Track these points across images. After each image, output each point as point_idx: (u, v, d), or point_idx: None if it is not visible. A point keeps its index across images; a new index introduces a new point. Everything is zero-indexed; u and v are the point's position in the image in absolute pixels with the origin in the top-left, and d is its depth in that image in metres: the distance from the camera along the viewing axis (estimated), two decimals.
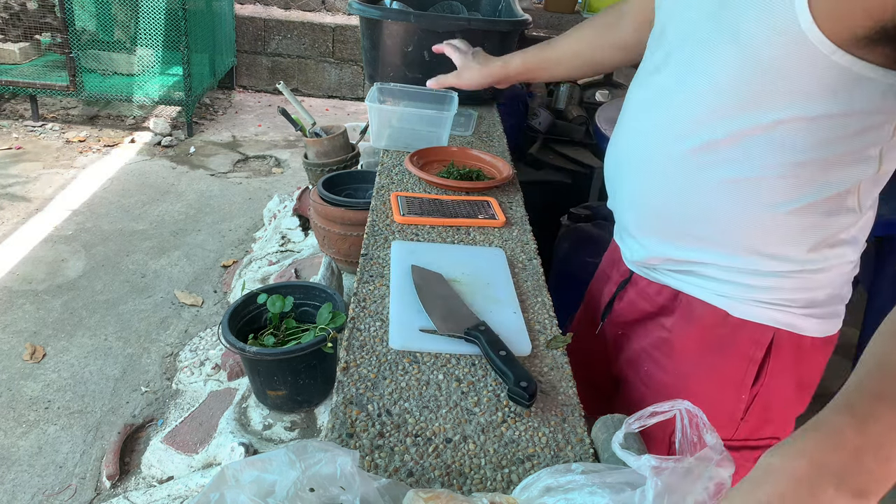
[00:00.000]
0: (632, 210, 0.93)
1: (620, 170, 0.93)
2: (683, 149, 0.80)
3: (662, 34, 0.83)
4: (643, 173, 0.87)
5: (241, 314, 1.84)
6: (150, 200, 3.45)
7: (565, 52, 1.16)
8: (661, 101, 0.82)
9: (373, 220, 1.15)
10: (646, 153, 0.86)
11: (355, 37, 5.27)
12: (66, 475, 1.86)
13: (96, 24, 4.29)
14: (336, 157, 2.65)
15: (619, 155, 0.94)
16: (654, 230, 0.89)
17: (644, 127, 0.86)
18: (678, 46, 0.79)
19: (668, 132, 0.82)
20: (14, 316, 2.47)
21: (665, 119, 0.82)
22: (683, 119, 0.79)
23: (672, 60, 0.81)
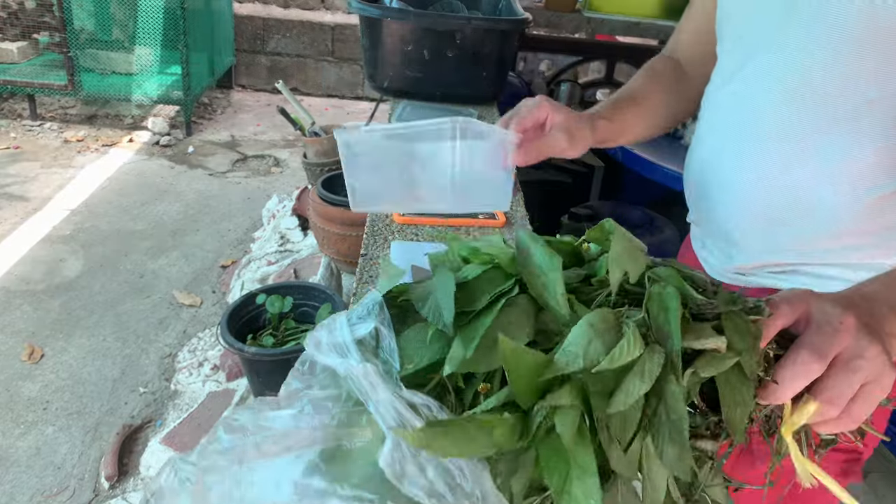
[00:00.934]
0: (743, 217, 0.86)
1: (723, 174, 0.88)
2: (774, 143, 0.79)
3: (739, 41, 0.83)
4: (762, 176, 0.82)
5: (240, 314, 1.83)
6: (149, 200, 3.44)
7: (645, 119, 1.01)
8: (754, 100, 0.81)
9: (372, 220, 1.14)
10: (763, 155, 0.81)
11: (355, 36, 5.26)
12: (64, 476, 1.85)
13: (94, 23, 4.28)
14: (335, 157, 2.64)
15: (719, 159, 0.88)
16: (768, 236, 0.85)
17: (746, 129, 0.83)
18: (759, 51, 0.79)
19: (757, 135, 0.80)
20: (12, 316, 2.46)
21: (749, 121, 0.81)
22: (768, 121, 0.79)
23: (750, 66, 0.80)
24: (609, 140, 0.96)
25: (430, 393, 0.45)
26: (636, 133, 0.99)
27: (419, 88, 1.78)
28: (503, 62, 1.78)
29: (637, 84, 1.02)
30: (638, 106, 0.98)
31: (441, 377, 0.46)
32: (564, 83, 2.85)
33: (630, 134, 0.97)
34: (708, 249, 0.96)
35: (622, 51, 3.11)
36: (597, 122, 0.90)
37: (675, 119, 1.04)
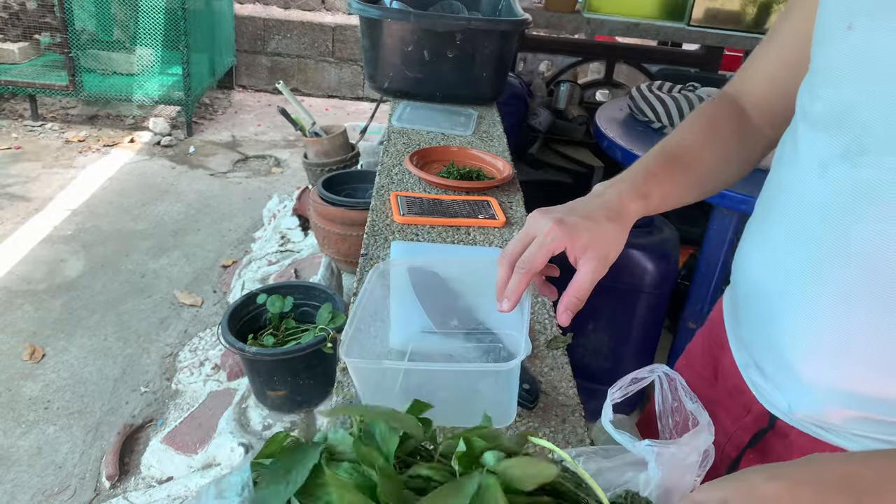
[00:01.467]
0: (810, 348, 0.65)
1: (785, 291, 0.67)
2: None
3: (845, 115, 0.60)
4: (842, 299, 0.62)
5: (241, 314, 1.84)
6: (150, 200, 3.45)
7: (696, 187, 0.79)
8: (868, 199, 0.58)
9: (373, 220, 1.15)
10: (828, 277, 0.62)
11: (355, 36, 5.26)
12: (65, 475, 1.85)
13: (96, 23, 4.29)
14: (336, 157, 2.65)
15: (782, 270, 0.68)
16: (851, 380, 0.64)
17: (823, 237, 0.62)
18: (886, 131, 0.57)
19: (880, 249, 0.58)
20: (13, 316, 2.47)
21: (868, 226, 0.58)
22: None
23: (880, 152, 0.57)
24: (664, 205, 0.76)
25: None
26: (684, 201, 0.78)
27: (419, 89, 1.78)
28: (503, 63, 1.79)
29: (689, 138, 0.79)
30: (686, 170, 0.76)
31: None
32: (564, 83, 2.85)
33: (676, 203, 0.77)
34: (763, 380, 0.73)
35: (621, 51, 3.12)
36: (627, 208, 0.70)
37: (733, 179, 0.82)
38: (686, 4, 2.63)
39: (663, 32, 2.73)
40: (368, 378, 0.68)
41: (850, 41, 0.59)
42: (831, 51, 0.62)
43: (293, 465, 0.44)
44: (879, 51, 0.56)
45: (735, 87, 0.85)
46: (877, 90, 0.57)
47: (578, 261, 0.66)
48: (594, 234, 0.66)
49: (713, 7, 2.62)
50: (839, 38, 0.60)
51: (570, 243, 0.66)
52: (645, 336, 1.91)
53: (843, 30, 0.59)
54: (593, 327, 1.93)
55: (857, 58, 0.59)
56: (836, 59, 0.61)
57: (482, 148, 1.53)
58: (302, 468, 0.44)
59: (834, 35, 0.61)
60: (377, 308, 0.77)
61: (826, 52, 0.63)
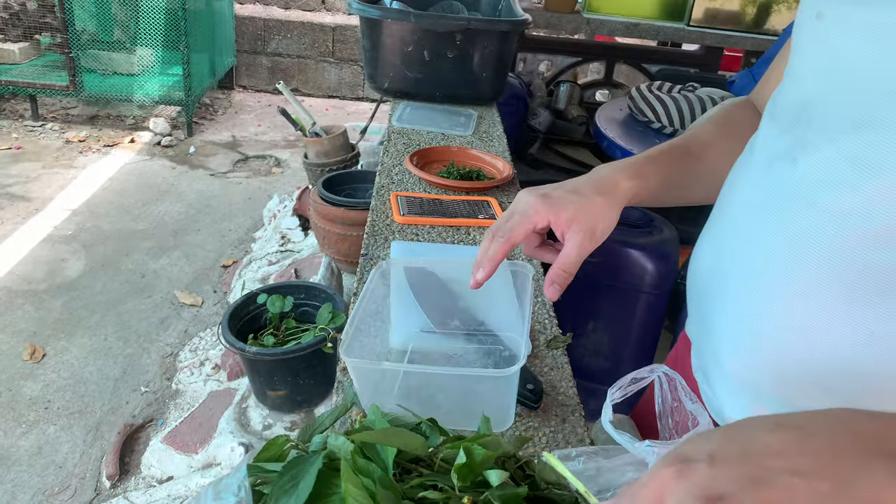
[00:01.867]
0: (741, 349, 0.60)
1: (722, 291, 0.63)
2: (834, 272, 0.52)
3: (802, 111, 0.57)
4: (774, 301, 0.57)
5: (241, 314, 1.84)
6: (150, 200, 3.45)
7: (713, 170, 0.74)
8: (804, 199, 0.54)
9: (373, 220, 1.15)
10: (768, 271, 0.57)
11: (355, 37, 5.27)
12: (65, 475, 1.85)
13: (96, 23, 4.29)
14: (336, 157, 2.66)
15: (718, 264, 0.64)
16: (786, 384, 0.58)
17: (764, 233, 0.58)
18: (834, 130, 0.52)
19: (805, 247, 0.54)
20: (14, 316, 2.47)
21: (814, 224, 0.53)
22: (832, 232, 0.52)
23: (819, 147, 0.53)
24: (643, 202, 0.72)
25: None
26: (691, 196, 0.73)
27: (419, 89, 1.79)
28: (503, 63, 1.79)
29: (701, 131, 0.75)
30: (693, 160, 0.71)
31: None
32: (564, 84, 2.85)
33: (680, 195, 0.72)
34: (709, 386, 0.68)
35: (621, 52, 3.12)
36: (620, 185, 0.67)
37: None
38: (686, 4, 2.63)
39: (663, 33, 2.74)
40: (368, 378, 0.68)
41: (817, 32, 0.56)
42: (802, 43, 0.59)
43: (299, 475, 0.45)
44: (839, 41, 0.52)
45: (755, 92, 0.81)
46: (830, 83, 0.53)
47: (565, 235, 0.66)
48: (580, 207, 0.65)
49: (713, 7, 2.62)
50: (809, 28, 0.58)
51: (553, 216, 0.65)
52: (645, 336, 1.91)
53: (814, 20, 0.56)
54: (593, 327, 1.93)
55: (819, 49, 0.55)
56: (804, 51, 0.58)
57: (482, 148, 1.53)
58: (308, 478, 0.44)
59: (805, 26, 0.58)
60: (378, 308, 0.77)
61: (798, 44, 0.60)
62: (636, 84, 2.30)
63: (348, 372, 0.77)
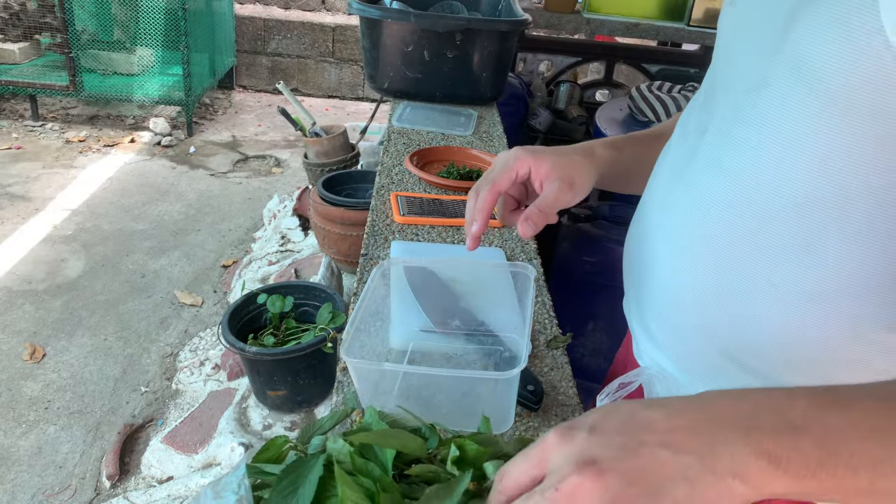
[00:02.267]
0: (659, 310, 0.67)
1: (643, 256, 0.69)
2: (736, 231, 0.56)
3: (713, 87, 0.62)
4: (676, 263, 0.62)
5: (241, 314, 1.84)
6: (150, 200, 3.45)
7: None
8: (702, 166, 0.60)
9: (373, 220, 1.15)
10: (680, 236, 0.62)
11: (355, 37, 5.27)
12: (65, 475, 1.85)
13: (96, 23, 4.29)
14: (336, 157, 2.66)
15: (642, 237, 0.70)
16: (688, 342, 0.64)
17: (678, 200, 0.63)
18: (733, 96, 0.57)
19: (711, 207, 0.58)
20: (14, 316, 2.47)
21: (706, 189, 0.59)
22: (731, 189, 0.56)
23: (722, 115, 0.58)
24: (618, 175, 0.73)
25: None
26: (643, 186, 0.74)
27: (419, 89, 1.78)
28: (503, 63, 1.79)
29: (667, 123, 0.77)
30: (661, 140, 0.73)
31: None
32: (564, 84, 2.85)
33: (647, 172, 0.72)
34: (637, 346, 0.75)
35: (621, 52, 3.12)
36: (596, 150, 0.70)
37: None
38: (686, 4, 2.63)
39: (663, 32, 2.73)
40: (368, 378, 0.68)
41: (728, 17, 0.60)
42: (719, 28, 0.63)
43: (298, 480, 0.45)
44: (745, 23, 0.56)
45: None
46: (729, 56, 0.58)
47: (543, 183, 0.68)
48: (559, 160, 0.68)
49: (713, 7, 2.62)
50: (724, 14, 0.62)
51: (533, 164, 0.68)
52: None
53: (728, 6, 0.61)
54: (593, 327, 1.93)
55: (731, 32, 0.59)
56: (721, 36, 0.62)
57: (482, 148, 1.53)
58: (308, 483, 0.44)
59: (723, 13, 0.62)
60: (379, 307, 0.77)
61: (718, 30, 0.64)
62: (636, 84, 2.29)
63: (348, 372, 0.77)
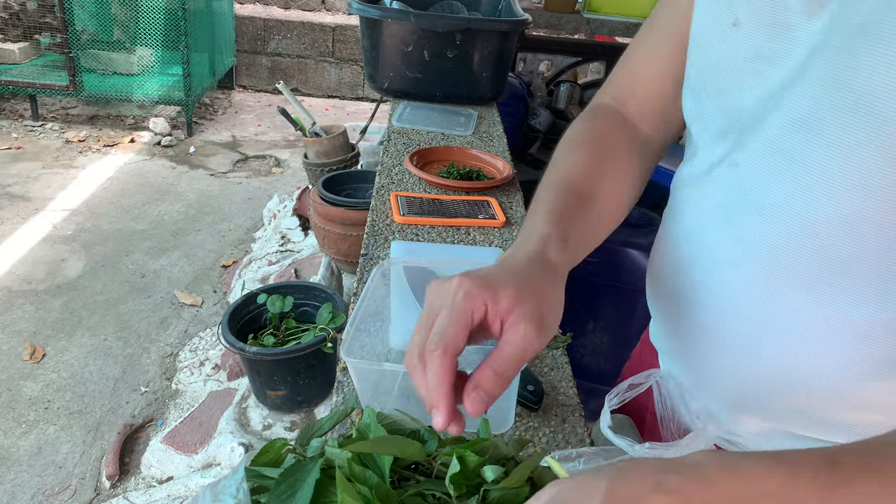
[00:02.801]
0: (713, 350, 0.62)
1: (689, 296, 0.64)
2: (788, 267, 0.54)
3: (734, 116, 0.57)
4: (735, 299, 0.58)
5: (241, 314, 1.84)
6: (150, 200, 3.45)
7: (609, 220, 0.68)
8: (750, 200, 0.56)
9: (373, 220, 1.15)
10: (739, 272, 0.58)
11: (355, 36, 5.26)
12: (65, 475, 1.85)
13: (96, 23, 4.29)
14: (336, 157, 2.66)
15: (684, 273, 0.64)
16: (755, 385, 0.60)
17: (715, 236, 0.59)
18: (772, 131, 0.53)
19: (757, 244, 0.55)
20: (14, 316, 2.47)
21: (760, 222, 0.55)
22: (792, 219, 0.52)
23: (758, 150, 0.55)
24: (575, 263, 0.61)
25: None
26: (601, 238, 0.67)
27: (419, 89, 1.78)
28: (503, 63, 1.79)
29: (582, 168, 0.67)
30: (594, 205, 0.64)
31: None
32: (564, 84, 2.85)
33: (595, 242, 0.65)
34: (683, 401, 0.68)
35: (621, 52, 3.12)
36: (551, 257, 0.54)
37: (633, 202, 0.73)
38: None
39: None
40: (368, 378, 0.68)
41: (734, 40, 0.56)
42: (714, 51, 0.58)
43: (296, 484, 0.45)
44: (767, 50, 0.53)
45: (613, 95, 0.76)
46: (756, 92, 0.54)
47: (504, 324, 0.48)
48: (522, 286, 0.49)
49: None
50: (723, 36, 0.57)
51: (490, 300, 0.47)
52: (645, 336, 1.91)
53: (728, 28, 0.56)
54: (593, 327, 1.93)
55: (744, 59, 0.55)
56: (723, 59, 0.57)
57: (482, 148, 1.53)
58: (306, 487, 0.44)
59: (716, 34, 0.58)
60: (379, 307, 0.77)
61: (709, 51, 0.59)
62: None
63: (348, 372, 0.76)
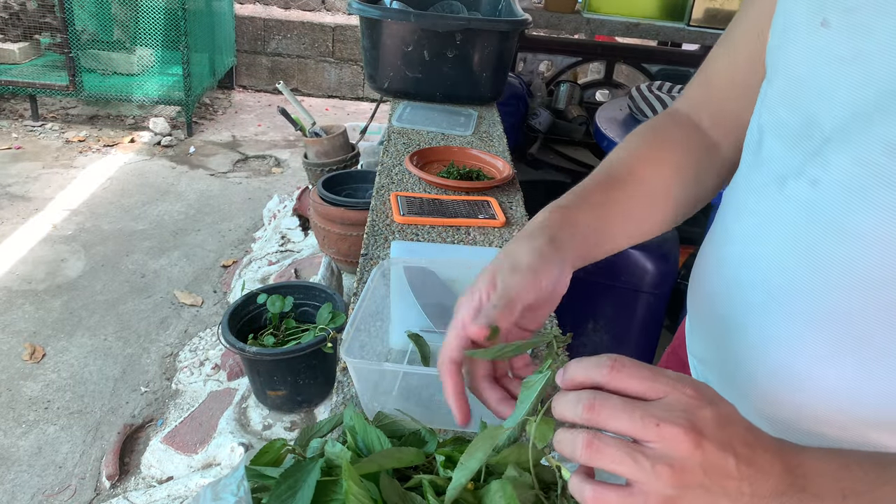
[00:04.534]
0: (768, 384, 0.57)
1: (743, 320, 0.59)
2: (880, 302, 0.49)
3: (812, 125, 0.52)
4: (803, 332, 0.54)
5: (241, 314, 1.84)
6: (150, 200, 3.45)
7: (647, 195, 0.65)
8: (831, 223, 0.50)
9: (373, 220, 1.15)
10: (809, 299, 0.53)
11: (355, 36, 5.27)
12: (65, 475, 1.85)
13: (96, 23, 4.29)
14: (336, 157, 2.66)
15: (740, 296, 0.59)
16: (812, 421, 0.56)
17: (795, 258, 0.53)
18: (861, 148, 0.48)
19: (841, 279, 0.50)
20: (14, 316, 2.47)
21: (842, 249, 0.50)
22: (881, 249, 0.48)
23: (844, 167, 0.49)
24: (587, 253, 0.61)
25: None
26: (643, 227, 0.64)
27: (419, 89, 1.78)
28: (503, 63, 1.79)
29: (627, 157, 0.65)
30: (623, 192, 0.63)
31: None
32: (564, 84, 2.85)
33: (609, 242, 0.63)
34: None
35: (621, 52, 3.12)
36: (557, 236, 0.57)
37: (692, 209, 0.68)
38: (686, 4, 2.63)
39: (663, 32, 2.74)
40: (368, 378, 0.68)
41: (821, 41, 0.50)
42: (798, 51, 0.53)
43: (297, 484, 0.45)
44: (853, 55, 0.48)
45: (688, 101, 0.73)
46: (848, 95, 0.48)
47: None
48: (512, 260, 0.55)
49: (713, 7, 2.62)
50: (808, 36, 0.52)
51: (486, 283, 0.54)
52: (644, 336, 1.91)
53: (815, 27, 0.50)
54: (593, 327, 1.93)
55: (827, 62, 0.50)
56: (804, 62, 0.52)
57: (482, 148, 1.53)
58: (307, 487, 0.44)
59: (802, 33, 0.52)
60: (379, 307, 0.77)
61: (792, 52, 0.54)
62: (636, 84, 2.29)
63: (348, 372, 0.76)
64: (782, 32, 0.56)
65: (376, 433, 0.50)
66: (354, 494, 0.42)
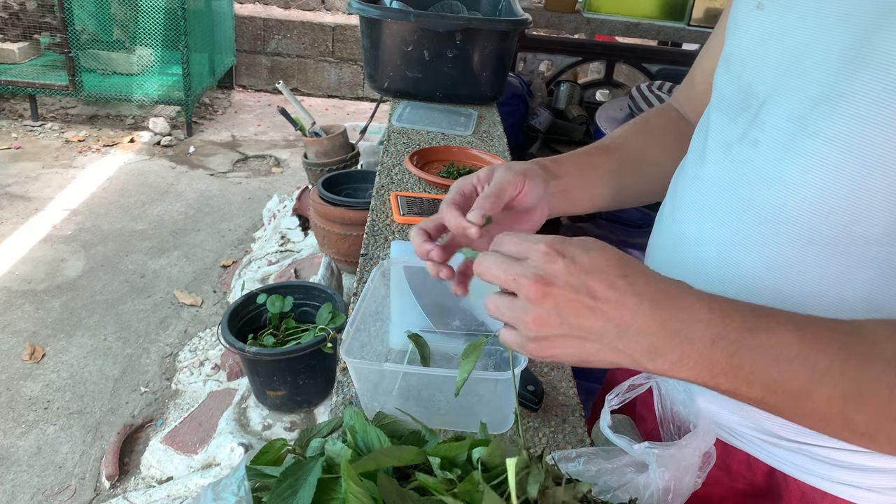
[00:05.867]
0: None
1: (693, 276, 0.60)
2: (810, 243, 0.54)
3: (750, 95, 0.58)
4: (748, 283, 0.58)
5: (241, 314, 1.84)
6: (150, 200, 3.45)
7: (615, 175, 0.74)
8: (772, 177, 0.55)
9: (373, 220, 1.15)
10: (754, 248, 0.57)
11: (355, 36, 5.26)
12: (65, 475, 1.85)
13: (96, 23, 4.29)
14: (336, 157, 2.65)
15: (691, 255, 0.64)
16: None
17: (729, 215, 0.59)
18: (794, 108, 0.53)
19: (777, 225, 0.55)
20: (13, 316, 2.47)
21: (768, 206, 0.55)
22: (803, 209, 0.53)
23: (780, 126, 0.55)
24: (566, 192, 0.69)
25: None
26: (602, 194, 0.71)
27: (419, 89, 1.78)
28: (503, 63, 1.79)
29: (616, 134, 0.75)
30: (607, 156, 0.71)
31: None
32: (564, 83, 2.85)
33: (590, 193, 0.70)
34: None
35: (622, 51, 3.12)
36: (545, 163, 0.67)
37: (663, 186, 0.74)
38: (686, 4, 2.63)
39: (663, 32, 2.73)
40: (367, 378, 0.68)
41: (757, 21, 0.58)
42: (740, 32, 0.61)
43: (298, 482, 0.45)
44: (780, 30, 0.55)
45: (677, 97, 0.81)
46: (778, 64, 0.55)
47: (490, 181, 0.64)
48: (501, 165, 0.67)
49: (713, 7, 2.62)
50: (748, 18, 0.60)
51: (478, 180, 0.65)
52: None
53: (753, 10, 0.59)
54: None
55: (761, 38, 0.57)
56: (744, 41, 0.60)
57: (482, 148, 1.53)
58: (308, 486, 0.44)
59: (742, 18, 0.61)
60: (379, 307, 0.77)
61: (736, 33, 0.62)
62: (636, 84, 2.29)
63: (348, 372, 0.76)
64: (732, 22, 0.63)
65: (376, 433, 0.50)
66: (353, 493, 0.42)
